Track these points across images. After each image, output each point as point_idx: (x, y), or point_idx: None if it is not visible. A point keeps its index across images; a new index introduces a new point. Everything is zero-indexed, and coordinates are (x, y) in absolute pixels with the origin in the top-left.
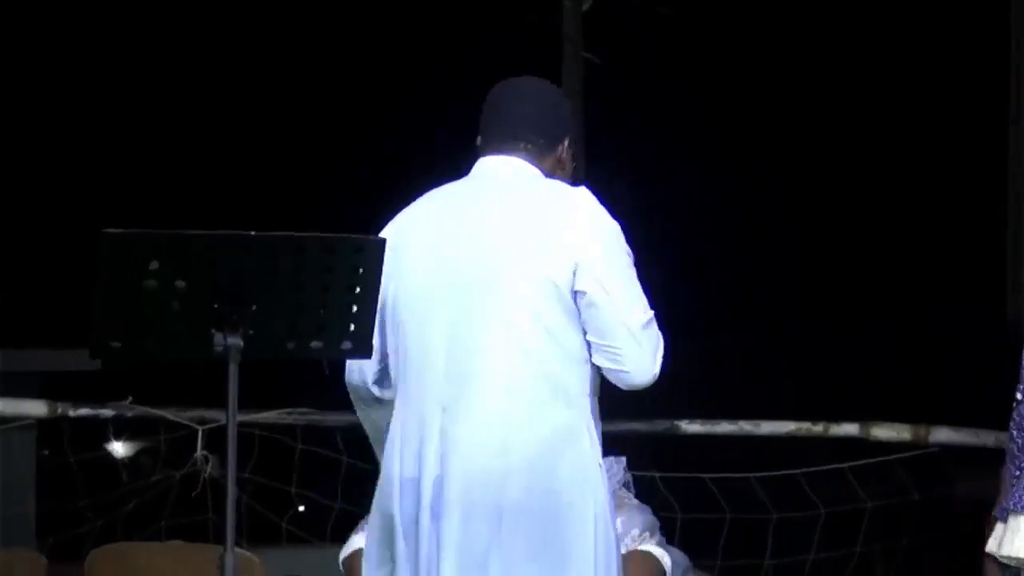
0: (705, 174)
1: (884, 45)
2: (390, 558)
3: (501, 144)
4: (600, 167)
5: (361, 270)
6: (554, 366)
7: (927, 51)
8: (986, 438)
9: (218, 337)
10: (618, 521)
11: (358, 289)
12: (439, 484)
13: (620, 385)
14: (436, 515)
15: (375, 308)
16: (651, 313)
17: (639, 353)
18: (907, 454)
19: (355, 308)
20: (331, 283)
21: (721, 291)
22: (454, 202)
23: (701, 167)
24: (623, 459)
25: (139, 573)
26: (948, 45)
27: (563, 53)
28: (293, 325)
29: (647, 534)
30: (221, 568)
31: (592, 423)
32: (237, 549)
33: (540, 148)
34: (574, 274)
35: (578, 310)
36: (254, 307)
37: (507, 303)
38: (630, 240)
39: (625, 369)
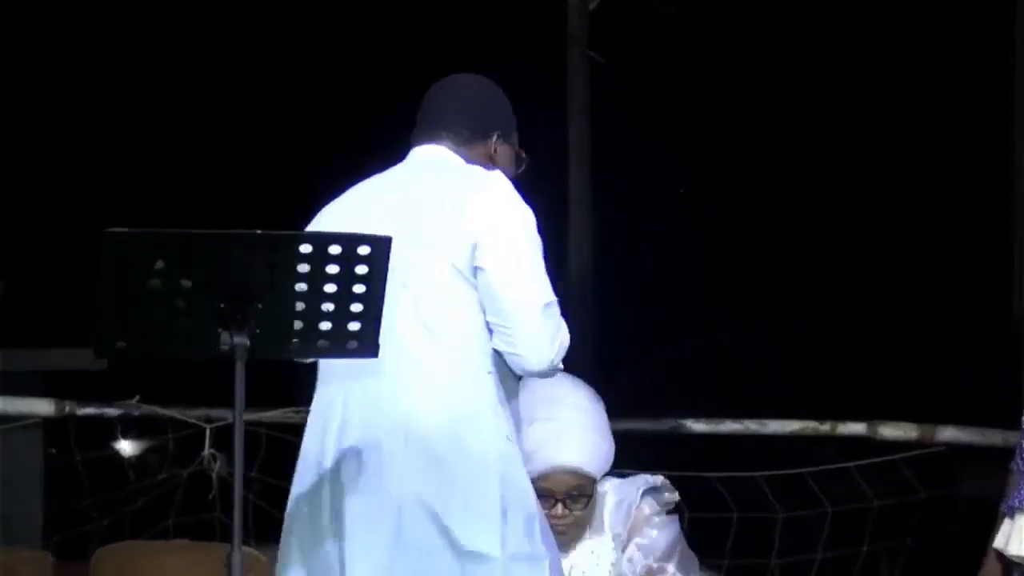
0: (710, 174)
1: (887, 42)
2: (297, 543)
3: (427, 135)
4: (605, 167)
5: (367, 268)
6: (457, 344)
7: (930, 48)
8: (992, 437)
9: (224, 336)
10: (632, 545)
11: (364, 288)
12: (341, 454)
13: (516, 370)
14: (336, 477)
15: (381, 306)
16: (552, 298)
17: (534, 338)
18: (913, 453)
19: (361, 307)
20: (336, 281)
21: (727, 289)
22: (380, 188)
23: (706, 167)
24: (660, 481)
25: (145, 572)
26: (951, 41)
27: (567, 53)
28: (298, 324)
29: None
30: (228, 566)
31: (498, 403)
32: (244, 547)
33: (464, 139)
34: (473, 252)
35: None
36: (260, 306)
37: (412, 281)
38: (640, 240)
39: (519, 352)
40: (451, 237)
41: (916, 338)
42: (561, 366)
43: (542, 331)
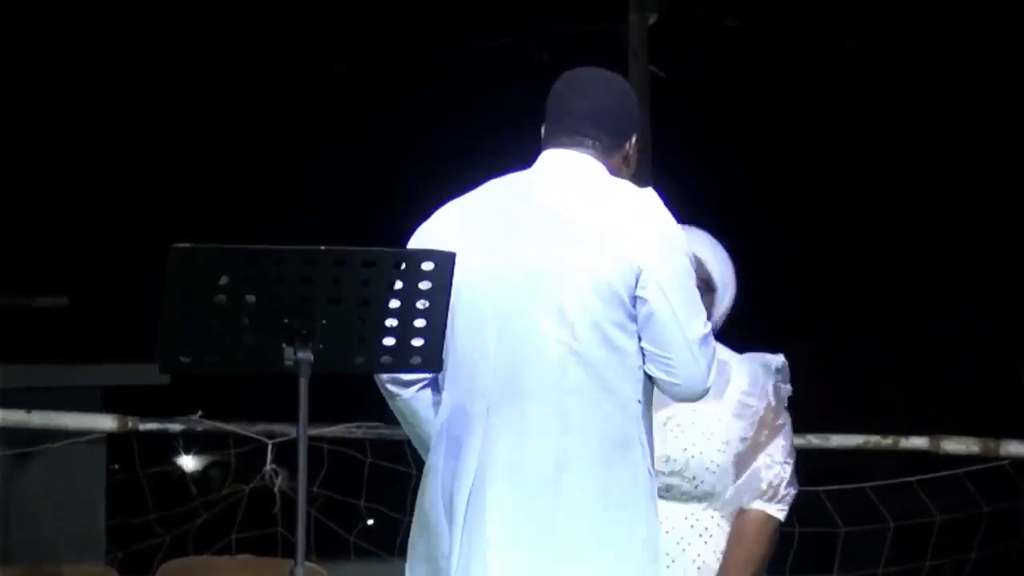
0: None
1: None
2: (427, 554)
3: (566, 139)
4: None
5: (430, 284)
6: (607, 371)
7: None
8: None
9: (288, 351)
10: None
11: (427, 303)
12: (480, 484)
13: (670, 396)
14: (474, 514)
15: (444, 322)
16: (709, 327)
17: (694, 367)
18: (976, 467)
19: (424, 322)
20: (400, 297)
21: (790, 304)
22: (511, 193)
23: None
24: (781, 361)
25: None
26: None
27: (628, 66)
28: (362, 339)
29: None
30: None
31: (644, 432)
32: (306, 563)
33: (605, 145)
34: (636, 279)
35: (635, 316)
36: (324, 321)
37: (560, 301)
38: None
39: (678, 382)
40: (607, 260)
41: (980, 353)
42: None
43: (702, 361)
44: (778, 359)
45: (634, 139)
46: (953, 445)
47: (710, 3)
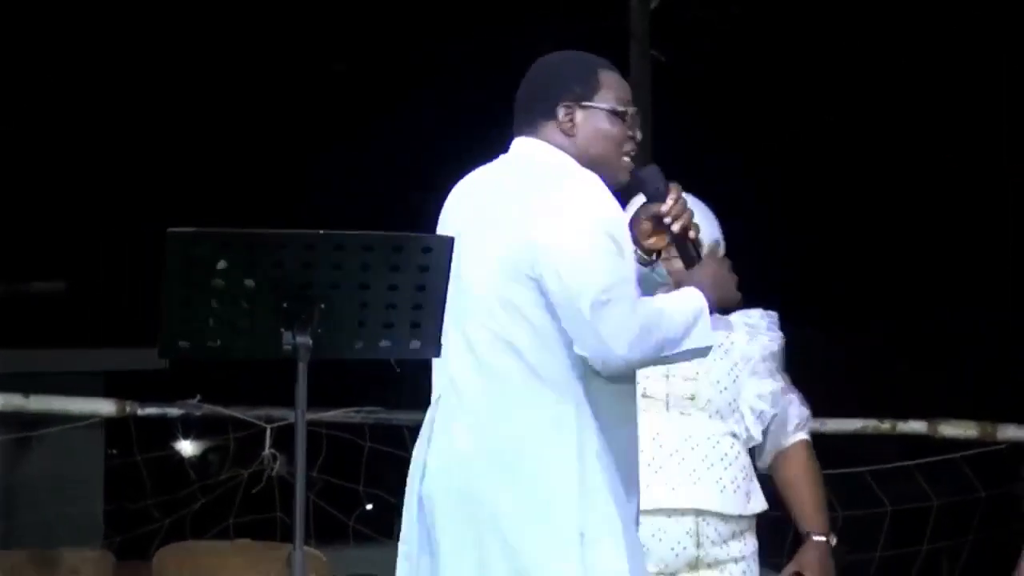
0: (770, 173)
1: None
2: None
3: (516, 125)
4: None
5: (429, 268)
6: (530, 352)
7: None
8: None
9: (287, 336)
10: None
11: (426, 287)
12: (423, 471)
13: (600, 371)
14: (422, 502)
15: (443, 306)
16: (608, 295)
17: (594, 337)
18: (974, 451)
19: (423, 307)
20: (399, 281)
21: (787, 288)
22: (472, 181)
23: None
24: (773, 317)
25: (207, 571)
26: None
27: (629, 51)
28: (361, 324)
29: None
30: (290, 566)
31: (583, 409)
32: (305, 547)
33: (536, 121)
34: (533, 254)
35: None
36: (322, 306)
37: (480, 283)
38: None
39: (585, 352)
40: (518, 240)
41: (977, 337)
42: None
43: (599, 331)
44: (767, 312)
45: (565, 109)
46: (951, 429)
47: None
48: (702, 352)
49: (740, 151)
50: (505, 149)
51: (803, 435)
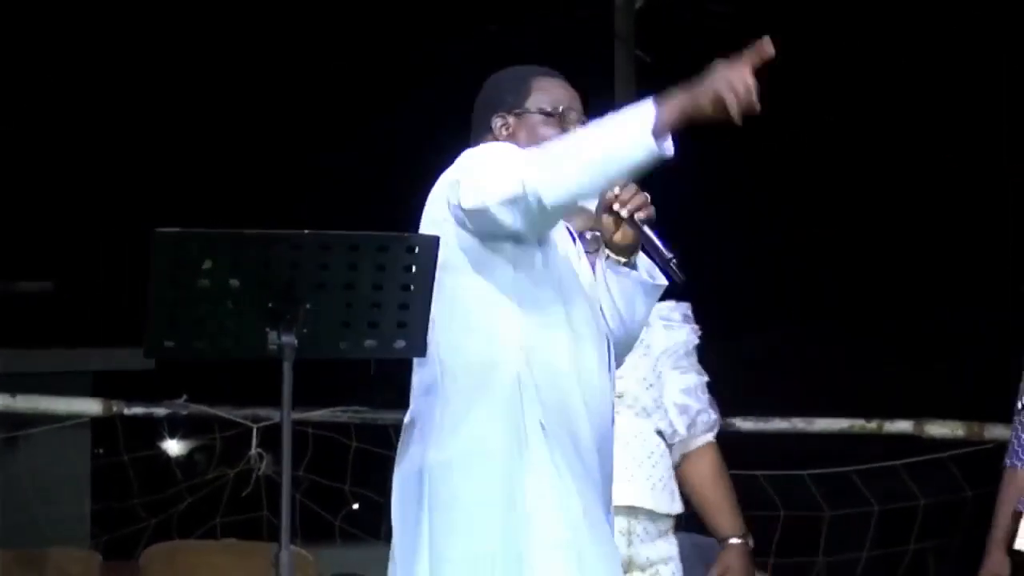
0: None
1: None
2: None
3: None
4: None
5: (414, 268)
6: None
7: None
8: None
9: (272, 336)
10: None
11: (411, 287)
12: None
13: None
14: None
15: (428, 307)
16: (490, 152)
17: (473, 182)
18: (961, 451)
19: (409, 307)
20: (384, 281)
21: (776, 289)
22: None
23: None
24: (686, 309)
25: (193, 571)
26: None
27: (614, 51)
28: (347, 324)
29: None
30: (276, 565)
31: (526, 375)
32: (291, 547)
33: (478, 137)
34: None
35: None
36: (308, 306)
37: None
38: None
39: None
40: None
41: (963, 336)
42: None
43: (476, 174)
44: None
45: (500, 120)
46: (938, 429)
47: None
48: (645, 162)
49: (726, 150)
50: None
51: (710, 437)
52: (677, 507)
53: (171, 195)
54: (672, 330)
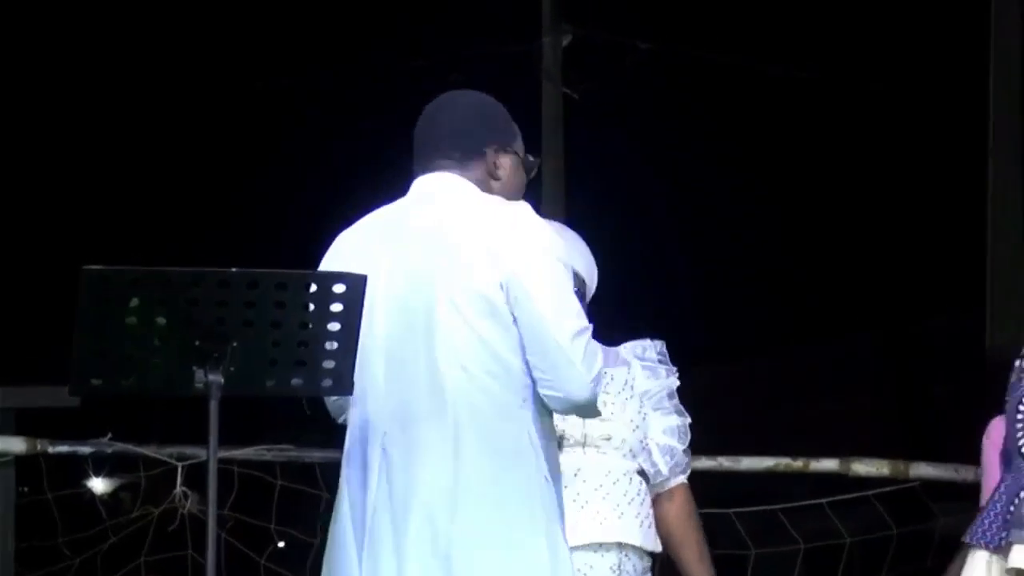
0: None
1: (870, 71)
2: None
3: (427, 163)
4: (580, 199)
5: (342, 306)
6: (493, 385)
7: (913, 83)
8: (966, 473)
9: (199, 374)
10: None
11: (338, 325)
12: (378, 514)
13: (559, 409)
14: (373, 543)
15: (356, 344)
16: (582, 325)
17: (570, 371)
18: (886, 489)
19: (335, 345)
20: (312, 319)
21: (701, 327)
22: (388, 221)
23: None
24: (661, 347)
25: None
26: (932, 80)
27: (541, 88)
28: (273, 362)
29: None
30: None
31: (538, 437)
32: None
33: (460, 160)
34: (507, 290)
35: (514, 327)
36: (235, 344)
37: (441, 324)
38: (614, 272)
39: (559, 394)
40: (483, 276)
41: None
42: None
43: (580, 366)
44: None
45: (493, 149)
46: (863, 467)
47: (623, 26)
48: None
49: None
50: (406, 186)
51: (683, 478)
52: (659, 546)
53: (96, 232)
54: (653, 372)
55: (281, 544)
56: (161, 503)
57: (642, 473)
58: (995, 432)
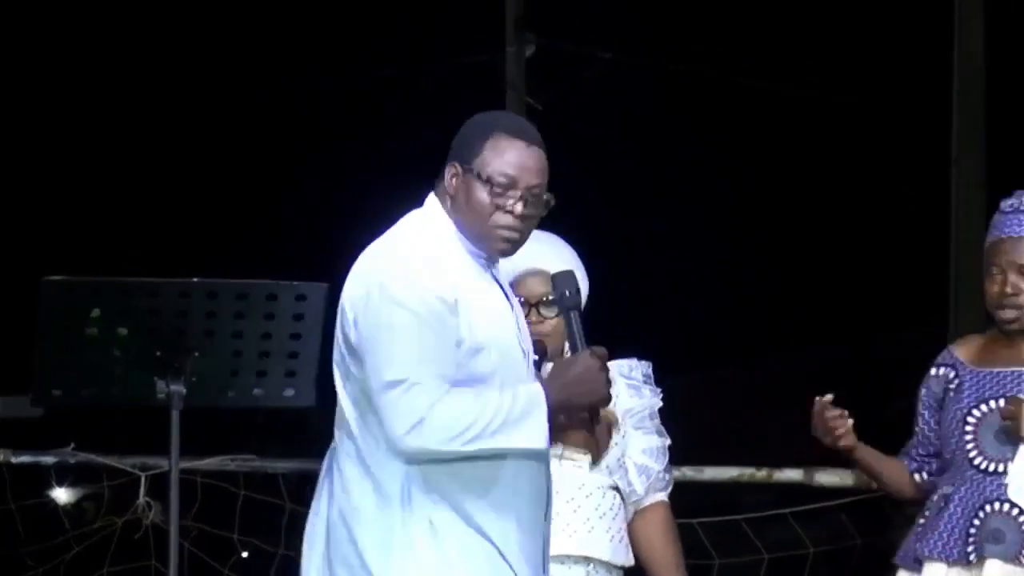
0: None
1: (835, 84)
2: None
3: None
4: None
5: (303, 317)
6: (364, 418)
7: (877, 97)
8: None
9: (160, 384)
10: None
11: (300, 335)
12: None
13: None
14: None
15: (317, 355)
16: (403, 375)
17: (383, 415)
18: (850, 499)
19: (298, 355)
20: (273, 330)
21: (666, 337)
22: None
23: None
24: (647, 368)
25: None
26: (896, 95)
27: (505, 98)
28: (235, 372)
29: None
30: None
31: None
32: None
33: (439, 180)
34: (353, 328)
35: None
36: (196, 354)
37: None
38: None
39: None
40: (343, 316)
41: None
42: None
43: (381, 411)
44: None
45: (452, 171)
46: (827, 477)
47: (586, 36)
48: (530, 452)
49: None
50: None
51: (663, 496)
52: (630, 560)
53: (58, 242)
54: (637, 391)
55: (245, 554)
56: (124, 513)
57: (617, 489)
58: None
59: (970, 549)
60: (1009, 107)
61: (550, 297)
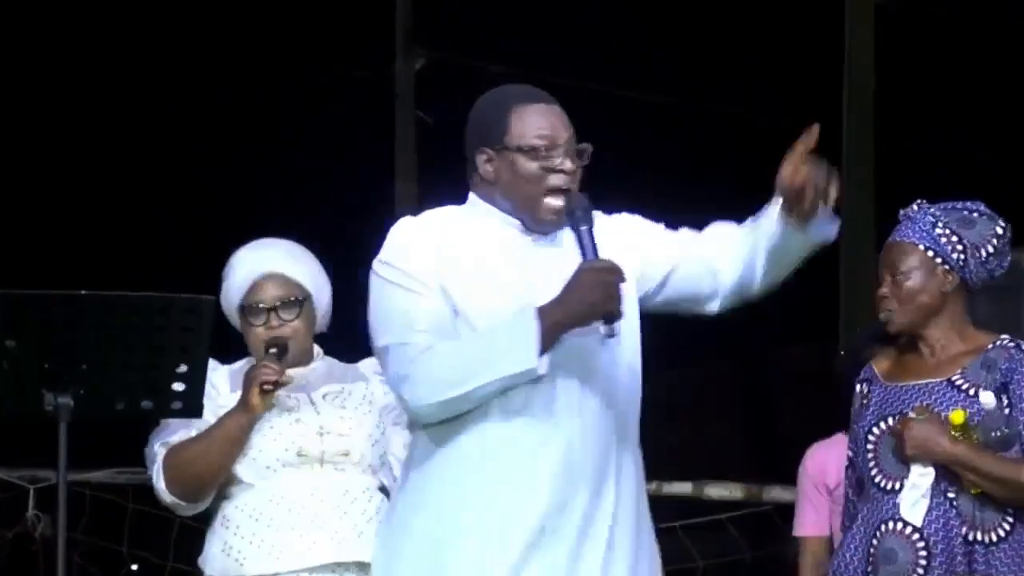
0: None
1: (723, 94)
2: None
3: None
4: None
5: (192, 330)
6: None
7: (765, 108)
8: None
9: (48, 396)
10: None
11: (188, 349)
12: None
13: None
14: None
15: (205, 368)
16: (387, 340)
17: (388, 380)
18: (739, 512)
19: (185, 368)
20: (162, 343)
21: None
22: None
23: None
24: None
25: None
26: (784, 105)
27: (395, 111)
28: (123, 384)
29: None
30: None
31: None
32: None
33: (470, 175)
34: None
35: None
36: (84, 366)
37: None
38: None
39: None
40: None
41: (745, 399)
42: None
43: (386, 379)
44: None
45: (477, 152)
46: (717, 491)
47: (476, 49)
48: (523, 377)
49: None
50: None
51: None
52: None
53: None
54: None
55: (134, 567)
56: (13, 526)
57: (384, 490)
58: (810, 462)
59: (869, 570)
60: (897, 122)
61: (292, 299)
